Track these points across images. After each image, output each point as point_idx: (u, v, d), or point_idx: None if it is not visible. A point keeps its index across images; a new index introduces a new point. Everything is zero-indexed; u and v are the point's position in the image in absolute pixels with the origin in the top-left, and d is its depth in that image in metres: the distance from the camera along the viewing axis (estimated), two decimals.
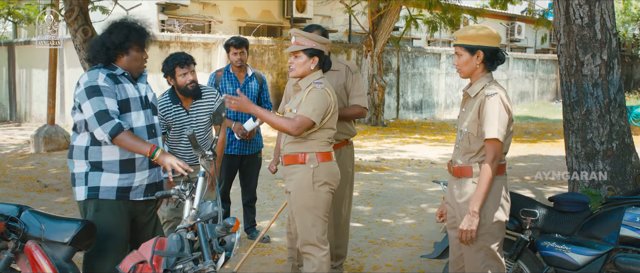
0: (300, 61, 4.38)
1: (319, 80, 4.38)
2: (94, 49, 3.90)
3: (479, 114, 3.74)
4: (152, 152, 3.74)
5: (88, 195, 3.83)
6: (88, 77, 3.79)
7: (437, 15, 18.34)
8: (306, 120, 4.24)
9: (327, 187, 4.39)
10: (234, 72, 6.28)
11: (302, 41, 4.36)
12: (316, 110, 4.25)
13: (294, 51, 4.38)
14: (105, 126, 3.69)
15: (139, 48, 3.94)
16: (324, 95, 4.31)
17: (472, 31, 3.81)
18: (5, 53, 18.98)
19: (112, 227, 3.83)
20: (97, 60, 3.89)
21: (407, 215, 7.77)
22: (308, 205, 4.36)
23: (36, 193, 8.78)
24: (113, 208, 3.84)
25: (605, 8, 5.60)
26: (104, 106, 3.72)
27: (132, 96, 3.90)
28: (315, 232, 4.37)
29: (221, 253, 3.39)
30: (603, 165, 5.64)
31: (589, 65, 5.63)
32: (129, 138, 3.74)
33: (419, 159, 12.48)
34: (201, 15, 18.90)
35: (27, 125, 17.59)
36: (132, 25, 3.92)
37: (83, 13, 9.42)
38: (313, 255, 4.39)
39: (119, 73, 3.89)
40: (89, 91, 3.75)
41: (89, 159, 3.83)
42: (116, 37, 3.85)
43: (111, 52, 3.85)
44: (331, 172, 4.42)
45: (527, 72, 27.88)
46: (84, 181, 3.84)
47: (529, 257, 4.31)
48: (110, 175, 3.83)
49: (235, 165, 6.28)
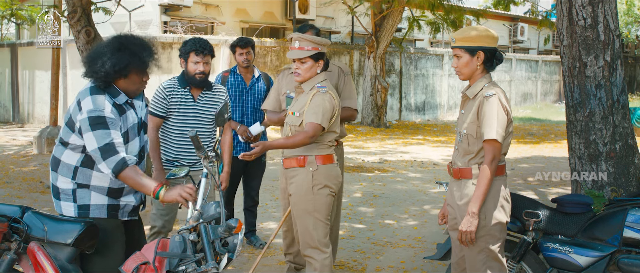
0: (307, 66, 4.37)
1: (322, 83, 4.36)
2: (92, 69, 3.66)
3: (478, 115, 3.74)
4: (156, 192, 3.57)
5: (78, 213, 3.71)
6: (93, 105, 3.57)
7: (440, 16, 18.33)
8: (317, 127, 4.26)
9: (327, 190, 4.38)
10: (240, 73, 6.24)
11: (306, 45, 4.33)
12: (325, 115, 4.28)
13: (300, 57, 4.36)
14: (109, 161, 3.53)
15: (140, 71, 3.74)
16: (330, 99, 4.33)
17: (471, 32, 3.81)
18: (8, 54, 19.01)
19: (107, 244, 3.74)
20: (95, 82, 3.66)
21: (410, 216, 7.77)
22: (308, 208, 4.35)
23: (39, 194, 8.79)
24: (105, 227, 3.73)
25: (608, 9, 5.59)
26: (109, 139, 3.53)
27: (131, 124, 3.76)
28: (317, 235, 4.37)
29: (224, 254, 3.38)
30: (606, 166, 5.62)
31: (592, 67, 5.61)
32: (134, 175, 3.56)
33: (422, 160, 12.47)
34: (204, 16, 18.91)
35: (30, 127, 17.61)
36: (134, 52, 3.68)
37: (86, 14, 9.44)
38: (314, 258, 4.38)
39: (122, 101, 3.71)
40: (94, 121, 3.54)
41: (76, 180, 3.69)
42: (117, 62, 3.61)
43: (110, 76, 3.63)
44: (331, 175, 4.41)
45: (530, 73, 27.85)
46: (72, 198, 3.71)
47: (531, 258, 4.30)
48: (98, 196, 3.72)
49: (240, 169, 6.21)
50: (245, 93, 6.15)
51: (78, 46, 9.48)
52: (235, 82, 6.18)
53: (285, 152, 4.46)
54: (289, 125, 4.48)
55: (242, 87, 6.17)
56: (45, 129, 12.90)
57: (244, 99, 6.14)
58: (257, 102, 6.16)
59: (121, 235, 3.84)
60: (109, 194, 3.74)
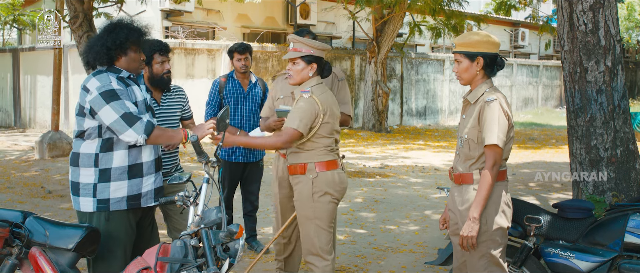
0: (298, 68, 4.32)
1: (307, 89, 4.29)
2: (93, 50, 3.77)
3: (479, 120, 3.74)
4: (186, 137, 3.75)
5: (97, 207, 3.75)
6: (100, 82, 3.66)
7: (441, 21, 18.36)
8: (293, 133, 4.17)
9: (329, 197, 4.34)
10: (237, 78, 6.25)
11: (300, 47, 4.31)
12: (302, 120, 4.18)
13: (292, 58, 4.34)
14: (136, 127, 3.60)
15: (137, 48, 3.85)
16: (311, 104, 4.22)
17: (471, 38, 3.81)
18: (10, 59, 19.05)
19: (121, 236, 3.80)
20: (97, 62, 3.77)
21: (411, 221, 7.76)
22: (309, 215, 4.33)
23: (40, 199, 8.79)
24: (122, 218, 3.80)
25: (609, 14, 5.60)
26: (127, 108, 3.62)
27: (140, 99, 3.84)
28: (318, 243, 4.35)
29: (225, 259, 3.39)
30: (607, 171, 5.63)
31: (593, 72, 5.62)
32: (163, 132, 3.74)
33: (423, 165, 12.47)
34: (205, 21, 18.95)
35: (32, 131, 17.62)
36: (130, 24, 3.83)
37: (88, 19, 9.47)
38: (315, 265, 4.37)
39: (125, 76, 3.81)
40: (106, 96, 3.62)
41: (99, 166, 3.73)
42: (116, 36, 3.75)
43: (112, 52, 3.74)
44: (333, 181, 4.34)
45: (531, 78, 27.87)
46: (92, 192, 3.75)
47: (533, 263, 4.30)
48: (118, 184, 3.76)
49: (239, 173, 6.26)
50: (243, 99, 6.17)
51: (80, 51, 9.49)
52: (233, 88, 6.19)
53: (289, 159, 4.44)
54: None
55: (240, 92, 6.18)
56: (47, 134, 12.91)
57: (242, 104, 6.15)
58: (255, 108, 6.18)
59: (134, 230, 3.88)
60: (130, 175, 3.78)
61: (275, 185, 4.98)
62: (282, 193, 4.93)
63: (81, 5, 9.39)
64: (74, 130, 3.87)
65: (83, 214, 3.81)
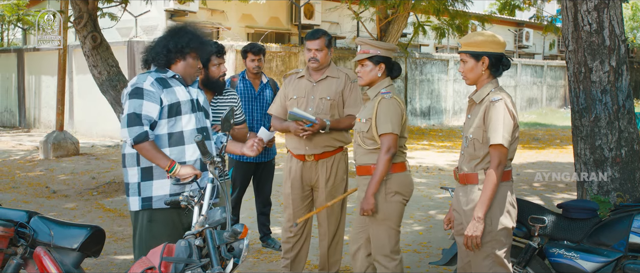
0: (366, 69, 4.40)
1: (387, 88, 4.37)
2: (154, 50, 3.87)
3: (484, 120, 3.74)
4: (171, 166, 3.68)
5: (142, 205, 3.80)
6: (137, 80, 3.79)
7: (445, 21, 18.31)
8: (392, 137, 4.26)
9: (400, 197, 4.38)
10: (249, 79, 6.25)
11: (367, 49, 4.38)
12: (394, 122, 4.27)
13: (360, 60, 4.39)
14: (132, 130, 3.66)
15: (196, 55, 3.91)
16: (396, 105, 4.33)
17: (477, 38, 3.82)
18: (15, 59, 19.09)
19: (165, 234, 3.79)
20: (155, 62, 3.86)
21: (415, 221, 7.76)
22: (380, 216, 4.35)
23: (45, 199, 8.82)
24: (166, 219, 3.81)
25: (613, 14, 5.58)
26: (140, 110, 3.67)
27: (183, 99, 3.85)
28: (389, 245, 4.39)
29: (229, 259, 3.39)
30: (612, 171, 5.61)
31: (598, 72, 5.61)
32: (152, 148, 3.69)
33: (427, 166, 12.46)
34: (209, 21, 18.95)
35: (36, 131, 17.66)
36: (194, 31, 3.91)
37: (92, 20, 9.45)
38: (386, 266, 4.39)
39: (169, 76, 3.85)
40: (132, 92, 3.73)
41: (140, 165, 3.79)
42: (178, 40, 3.83)
43: (172, 54, 3.83)
44: (404, 183, 4.40)
45: (536, 78, 27.81)
46: (137, 191, 3.80)
47: (537, 264, 4.29)
48: (161, 183, 3.79)
49: (250, 173, 6.24)
50: (254, 99, 6.16)
51: (84, 51, 9.50)
52: (244, 88, 6.19)
53: (357, 160, 4.46)
54: (357, 133, 4.49)
55: (251, 93, 6.18)
56: (51, 134, 12.94)
57: (253, 105, 6.15)
58: (266, 108, 6.16)
59: (180, 232, 3.79)
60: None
61: (287, 185, 4.97)
62: (295, 194, 4.94)
63: (85, 5, 9.38)
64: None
65: (132, 214, 3.88)
